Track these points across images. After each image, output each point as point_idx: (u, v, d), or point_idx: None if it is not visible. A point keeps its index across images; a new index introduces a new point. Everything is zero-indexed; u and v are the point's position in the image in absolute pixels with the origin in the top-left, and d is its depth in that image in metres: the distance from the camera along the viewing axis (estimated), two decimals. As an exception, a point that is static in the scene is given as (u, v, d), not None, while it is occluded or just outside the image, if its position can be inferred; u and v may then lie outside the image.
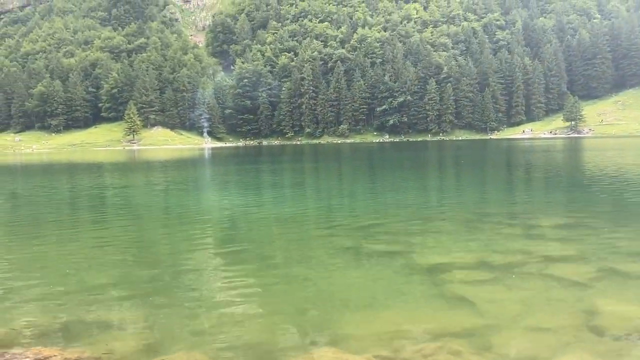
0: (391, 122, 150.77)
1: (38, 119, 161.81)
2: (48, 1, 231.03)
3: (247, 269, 10.01)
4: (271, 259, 10.74)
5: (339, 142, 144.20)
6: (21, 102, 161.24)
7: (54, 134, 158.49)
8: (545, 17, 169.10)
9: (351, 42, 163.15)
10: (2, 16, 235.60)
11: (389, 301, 7.77)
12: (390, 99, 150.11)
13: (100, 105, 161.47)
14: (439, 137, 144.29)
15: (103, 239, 13.61)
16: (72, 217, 18.60)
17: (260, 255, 11.24)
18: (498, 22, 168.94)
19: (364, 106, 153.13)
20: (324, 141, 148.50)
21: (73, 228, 15.96)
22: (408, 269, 9.46)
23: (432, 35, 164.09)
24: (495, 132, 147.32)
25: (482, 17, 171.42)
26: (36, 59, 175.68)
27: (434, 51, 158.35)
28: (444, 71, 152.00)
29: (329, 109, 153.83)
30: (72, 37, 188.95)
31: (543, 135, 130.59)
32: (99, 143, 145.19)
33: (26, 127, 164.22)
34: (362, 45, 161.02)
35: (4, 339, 6.56)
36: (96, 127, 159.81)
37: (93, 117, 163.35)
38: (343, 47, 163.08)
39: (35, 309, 7.83)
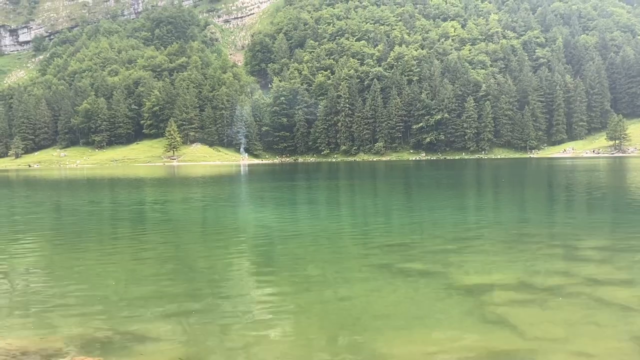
0: (428, 140, 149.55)
1: (83, 135, 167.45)
2: (95, 22, 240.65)
3: (282, 286, 10.00)
4: (306, 276, 10.71)
5: (375, 159, 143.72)
6: (67, 119, 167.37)
7: (97, 150, 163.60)
8: (587, 34, 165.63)
9: (388, 60, 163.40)
10: (52, 36, 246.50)
11: (427, 321, 7.61)
12: (427, 117, 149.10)
13: (142, 122, 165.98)
14: (477, 156, 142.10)
15: (142, 252, 13.87)
16: (113, 231, 19.05)
17: (295, 272, 11.22)
18: (538, 40, 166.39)
19: (400, 124, 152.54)
20: (359, 159, 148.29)
21: (114, 241, 16.33)
22: (446, 288, 9.26)
23: (470, 53, 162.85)
24: (535, 150, 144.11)
25: (522, 35, 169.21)
26: (82, 78, 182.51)
27: (472, 69, 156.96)
28: (482, 89, 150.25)
29: (365, 126, 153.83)
30: (117, 56, 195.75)
31: (585, 155, 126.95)
32: (140, 159, 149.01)
33: (71, 142, 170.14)
34: (399, 63, 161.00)
35: (46, 349, 6.72)
36: (138, 144, 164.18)
37: (135, 133, 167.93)
38: (379, 65, 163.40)
39: (76, 320, 8.01)
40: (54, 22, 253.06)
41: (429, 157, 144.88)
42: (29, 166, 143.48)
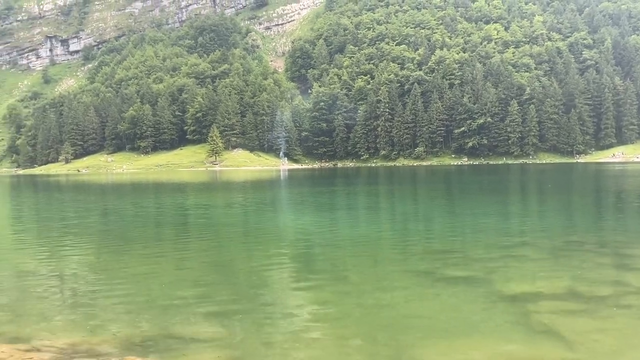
0: (470, 144, 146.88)
1: (129, 140, 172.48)
2: (141, 31, 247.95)
3: (321, 290, 9.98)
4: (345, 281, 10.65)
5: (415, 164, 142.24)
6: (114, 125, 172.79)
7: (142, 155, 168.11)
8: (638, 35, 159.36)
9: (429, 64, 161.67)
10: (100, 46, 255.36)
11: (470, 330, 7.42)
12: (470, 121, 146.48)
13: (185, 128, 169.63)
14: (521, 161, 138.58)
15: (185, 256, 14.12)
16: (157, 234, 19.50)
17: (334, 277, 11.18)
18: (585, 41, 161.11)
19: (442, 128, 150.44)
20: (399, 164, 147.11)
21: (158, 244, 16.71)
22: (489, 296, 9.03)
23: (513, 56, 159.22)
24: (582, 155, 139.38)
25: (568, 37, 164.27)
26: (129, 85, 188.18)
27: (516, 72, 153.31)
28: (526, 92, 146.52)
29: (405, 131, 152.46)
30: (162, 64, 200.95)
31: (636, 159, 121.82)
32: (183, 164, 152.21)
33: (118, 148, 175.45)
34: (440, 66, 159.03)
35: (95, 348, 6.92)
36: (181, 149, 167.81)
37: (179, 139, 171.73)
38: (420, 69, 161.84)
39: (123, 320, 8.22)
40: (102, 32, 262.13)
41: (471, 162, 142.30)
42: (78, 171, 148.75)
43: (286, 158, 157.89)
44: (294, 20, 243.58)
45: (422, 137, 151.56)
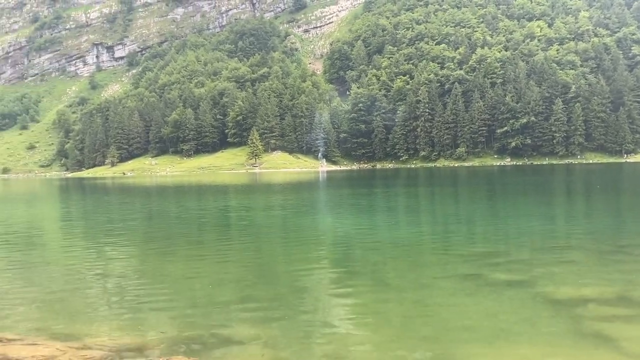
0: (513, 144, 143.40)
1: (172, 144, 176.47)
2: (183, 37, 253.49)
3: (361, 293, 9.94)
4: (385, 285, 10.57)
5: (456, 165, 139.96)
6: (158, 129, 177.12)
7: (185, 158, 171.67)
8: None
9: (469, 62, 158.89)
10: (144, 52, 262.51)
11: (516, 335, 7.24)
12: (512, 121, 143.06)
13: (226, 131, 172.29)
14: (566, 161, 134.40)
15: (227, 257, 14.33)
16: (199, 236, 19.87)
17: (374, 279, 11.11)
18: (634, 37, 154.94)
19: (483, 128, 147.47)
20: (439, 164, 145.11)
21: (200, 246, 17.02)
22: (536, 300, 8.79)
23: (557, 53, 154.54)
24: (632, 155, 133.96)
25: (616, 32, 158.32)
26: (171, 90, 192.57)
27: (560, 69, 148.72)
28: (571, 90, 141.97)
29: (445, 131, 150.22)
30: (203, 68, 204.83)
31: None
32: (224, 166, 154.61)
33: (161, 151, 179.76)
34: (481, 65, 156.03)
35: (142, 347, 7.11)
36: (222, 152, 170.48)
37: (220, 142, 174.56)
38: (461, 68, 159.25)
39: (167, 320, 8.41)
40: (146, 38, 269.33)
41: (514, 163, 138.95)
42: (124, 174, 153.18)
43: (325, 160, 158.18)
44: (332, 22, 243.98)
45: (463, 138, 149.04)
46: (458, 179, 66.40)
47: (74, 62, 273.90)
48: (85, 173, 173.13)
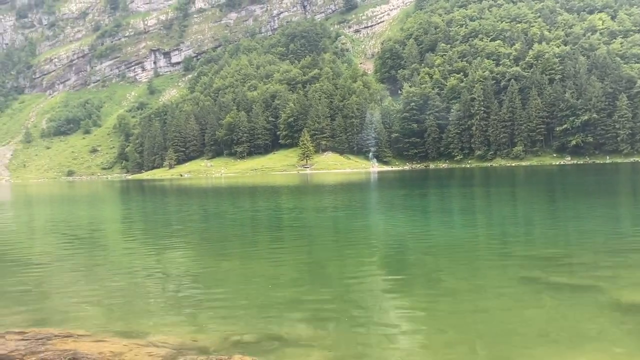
0: (573, 142, 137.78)
1: (226, 146, 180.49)
2: (236, 41, 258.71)
3: (415, 296, 9.81)
4: (440, 287, 10.39)
5: (513, 164, 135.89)
6: (213, 132, 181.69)
7: (238, 160, 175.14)
8: None
9: (526, 59, 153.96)
10: (199, 57, 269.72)
11: (579, 339, 6.95)
12: (572, 118, 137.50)
13: (278, 133, 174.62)
14: (632, 159, 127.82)
15: (280, 258, 14.50)
16: (253, 236, 20.20)
17: (428, 282, 10.95)
18: None
19: (542, 126, 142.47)
20: (496, 164, 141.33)
21: (254, 246, 17.31)
22: (599, 305, 8.40)
23: (621, 47, 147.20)
24: None
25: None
26: (225, 93, 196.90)
27: (625, 63, 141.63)
28: (637, 85, 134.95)
29: (502, 129, 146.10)
30: (255, 72, 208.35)
31: None
32: (276, 167, 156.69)
33: (216, 153, 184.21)
34: (539, 61, 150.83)
35: (201, 346, 7.31)
36: (274, 153, 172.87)
37: (272, 144, 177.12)
38: (517, 65, 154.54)
39: (224, 320, 8.60)
40: (201, 44, 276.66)
41: (574, 161, 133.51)
42: (181, 175, 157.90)
43: (376, 160, 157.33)
44: (383, 21, 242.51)
45: (520, 136, 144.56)
46: (515, 178, 64.42)
47: (133, 68, 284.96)
48: (144, 175, 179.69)
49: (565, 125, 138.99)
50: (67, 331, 7.83)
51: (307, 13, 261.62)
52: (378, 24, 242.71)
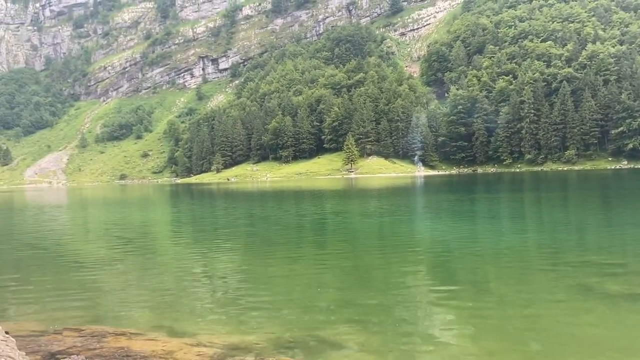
0: (630, 146, 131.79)
1: (271, 150, 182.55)
2: (281, 47, 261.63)
3: (462, 302, 9.64)
4: (488, 293, 10.17)
5: (565, 169, 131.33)
6: (259, 137, 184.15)
7: (283, 164, 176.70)
8: None
9: (579, 59, 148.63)
10: (246, 63, 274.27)
11: (636, 351, 6.66)
12: (629, 120, 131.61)
13: (322, 137, 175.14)
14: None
15: (325, 261, 14.55)
16: (298, 239, 20.35)
17: (476, 288, 10.73)
18: None
19: (596, 129, 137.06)
20: (547, 168, 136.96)
21: (299, 249, 17.43)
22: (658, 317, 8.03)
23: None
24: None
25: None
26: (271, 98, 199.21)
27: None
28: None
29: (553, 133, 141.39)
30: (301, 76, 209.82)
31: None
32: (321, 172, 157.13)
33: (262, 158, 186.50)
34: (593, 62, 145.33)
35: (249, 346, 7.44)
36: (319, 158, 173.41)
37: (316, 148, 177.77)
38: (569, 66, 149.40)
39: (269, 320, 8.72)
40: (247, 50, 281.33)
41: (631, 166, 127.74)
42: (228, 179, 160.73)
43: (422, 164, 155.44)
44: (429, 24, 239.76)
45: (572, 139, 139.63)
46: (568, 183, 62.27)
47: (182, 74, 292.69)
48: (193, 179, 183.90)
49: (622, 128, 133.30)
50: (121, 329, 8.13)
51: (352, 17, 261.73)
52: (424, 26, 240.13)
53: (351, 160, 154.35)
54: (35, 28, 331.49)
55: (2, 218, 38.61)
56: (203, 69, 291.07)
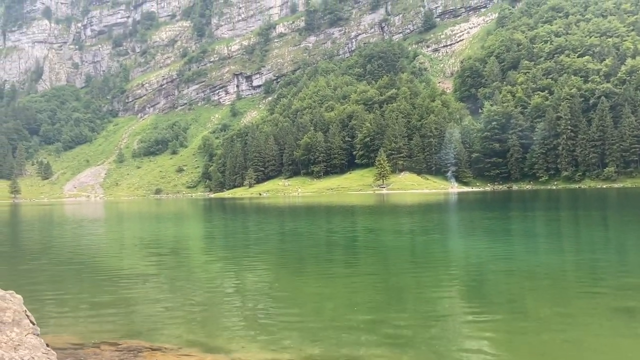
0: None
1: (303, 166, 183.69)
2: (314, 64, 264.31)
3: (496, 323, 9.43)
4: (524, 315, 9.93)
5: (604, 186, 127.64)
6: (291, 152, 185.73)
7: (315, 179, 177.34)
8: None
9: (618, 75, 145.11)
10: (279, 80, 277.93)
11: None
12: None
13: (354, 152, 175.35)
14: None
15: (355, 278, 14.48)
16: (328, 255, 20.32)
17: (511, 309, 10.49)
18: None
19: (636, 145, 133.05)
20: (584, 185, 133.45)
21: (329, 265, 17.40)
22: None
23: None
24: None
25: None
26: (303, 114, 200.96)
27: None
28: None
29: (591, 149, 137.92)
30: (333, 93, 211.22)
31: None
32: (352, 187, 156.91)
33: (294, 173, 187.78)
34: (633, 77, 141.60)
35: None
36: (350, 173, 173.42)
37: (348, 163, 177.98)
38: (608, 81, 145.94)
39: (302, 338, 8.71)
40: (280, 67, 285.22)
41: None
42: (260, 194, 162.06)
43: (455, 180, 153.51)
44: (462, 39, 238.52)
45: (612, 156, 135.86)
46: (607, 201, 60.46)
47: (217, 91, 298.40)
48: (226, 194, 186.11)
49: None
50: (156, 344, 8.27)
51: (384, 34, 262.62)
52: (457, 42, 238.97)
53: (383, 176, 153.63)
54: (77, 47, 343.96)
55: (43, 232, 39.85)
56: (237, 86, 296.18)
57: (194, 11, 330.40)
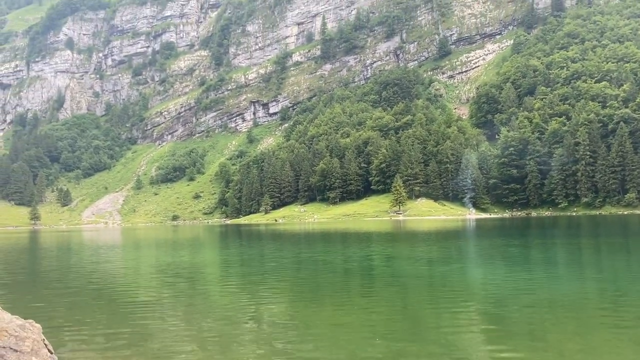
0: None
1: (319, 192, 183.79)
2: (330, 91, 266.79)
3: (518, 354, 9.21)
4: (546, 346, 9.68)
5: (626, 213, 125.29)
6: (306, 178, 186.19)
7: (331, 205, 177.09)
8: None
9: (637, 100, 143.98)
10: (295, 107, 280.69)
11: None
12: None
13: (370, 179, 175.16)
14: None
15: (372, 308, 14.30)
16: (345, 284, 20.13)
17: (532, 340, 10.25)
18: None
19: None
20: (605, 212, 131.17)
21: (346, 294, 17.23)
22: None
23: None
24: None
25: None
26: (319, 141, 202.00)
27: None
28: None
29: (611, 175, 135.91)
30: (348, 119, 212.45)
31: None
32: (368, 214, 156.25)
33: (310, 199, 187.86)
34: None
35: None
36: (366, 199, 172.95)
37: (364, 189, 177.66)
38: (627, 107, 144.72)
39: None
40: (297, 94, 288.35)
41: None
42: (275, 221, 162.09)
43: (473, 207, 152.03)
44: (478, 66, 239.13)
45: (633, 182, 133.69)
46: (629, 228, 59.26)
47: (234, 119, 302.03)
48: (242, 220, 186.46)
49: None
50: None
51: (400, 61, 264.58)
52: (473, 69, 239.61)
53: (399, 202, 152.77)
54: (97, 76, 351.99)
55: (61, 259, 40.22)
56: (254, 113, 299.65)
57: (212, 41, 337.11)
